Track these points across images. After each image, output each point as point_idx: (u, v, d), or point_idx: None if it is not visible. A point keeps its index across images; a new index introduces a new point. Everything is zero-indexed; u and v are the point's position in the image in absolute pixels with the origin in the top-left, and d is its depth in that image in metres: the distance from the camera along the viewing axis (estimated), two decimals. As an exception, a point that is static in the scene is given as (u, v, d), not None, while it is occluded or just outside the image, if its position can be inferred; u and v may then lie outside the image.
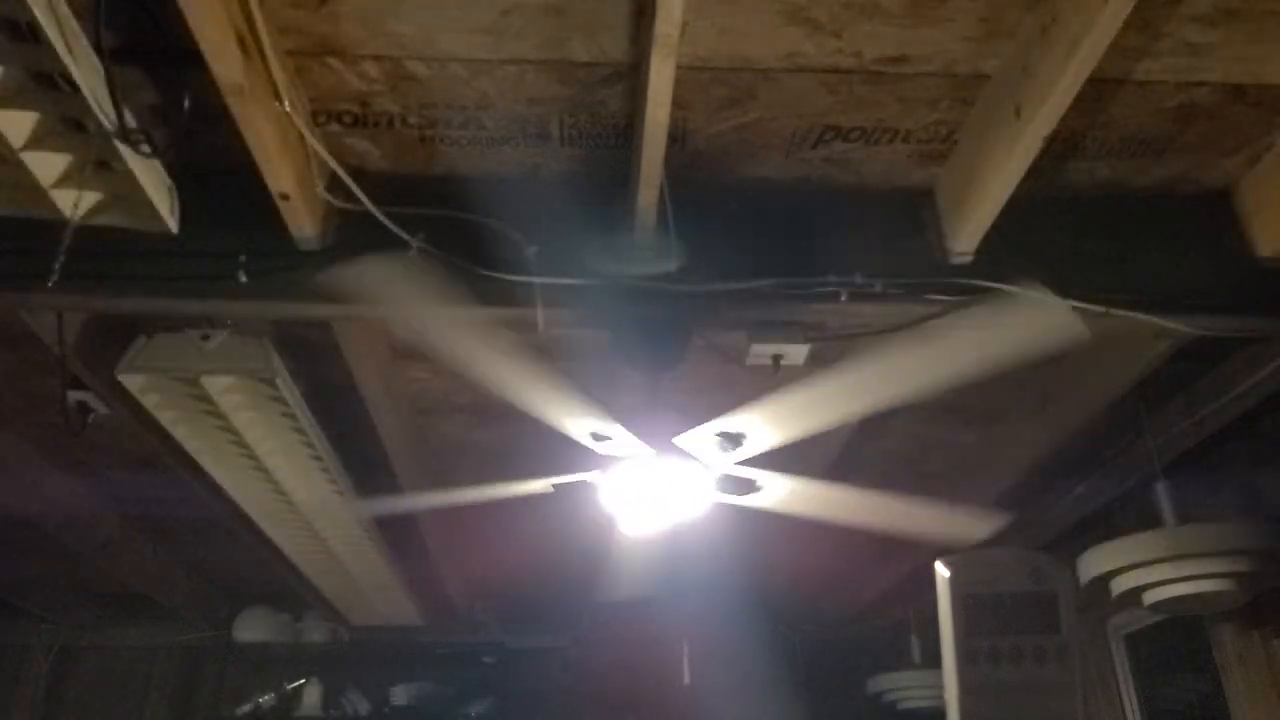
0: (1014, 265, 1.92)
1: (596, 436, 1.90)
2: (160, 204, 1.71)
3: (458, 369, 1.74)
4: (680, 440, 1.91)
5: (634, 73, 1.66)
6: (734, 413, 1.80)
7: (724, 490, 2.08)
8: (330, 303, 1.92)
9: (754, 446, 1.91)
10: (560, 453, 2.03)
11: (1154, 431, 2.68)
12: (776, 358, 2.09)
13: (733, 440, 1.88)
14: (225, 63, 1.41)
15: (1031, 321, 1.62)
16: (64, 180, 1.62)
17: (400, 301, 1.57)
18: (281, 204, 1.73)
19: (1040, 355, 1.60)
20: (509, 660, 5.17)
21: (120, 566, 4.02)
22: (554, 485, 2.02)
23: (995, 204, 1.79)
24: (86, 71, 1.40)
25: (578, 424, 1.85)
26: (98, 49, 1.40)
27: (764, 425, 1.83)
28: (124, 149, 1.54)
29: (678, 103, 1.61)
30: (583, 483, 2.07)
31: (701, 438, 1.89)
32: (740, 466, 2.00)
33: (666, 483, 2.04)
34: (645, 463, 2.00)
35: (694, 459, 1.98)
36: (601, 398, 1.76)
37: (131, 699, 5.03)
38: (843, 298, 1.88)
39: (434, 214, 1.84)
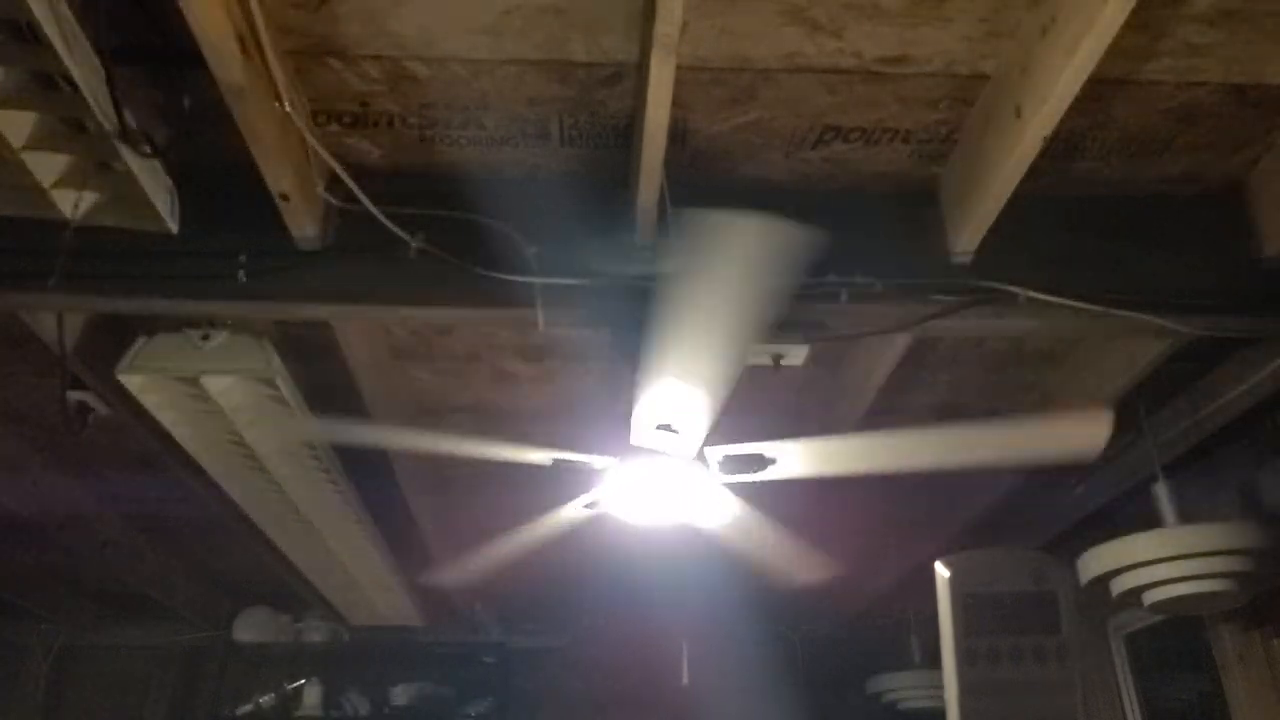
0: (1014, 265, 1.93)
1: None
2: (160, 204, 1.71)
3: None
4: (682, 443, 1.91)
5: (634, 73, 1.66)
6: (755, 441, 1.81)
7: (730, 471, 2.04)
8: (330, 302, 1.93)
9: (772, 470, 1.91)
10: (562, 452, 2.03)
11: (1154, 431, 2.68)
12: (777, 357, 2.09)
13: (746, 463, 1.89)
14: (225, 63, 1.41)
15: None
16: (64, 180, 1.62)
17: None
18: (281, 204, 1.73)
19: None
20: (509, 660, 5.17)
21: (120, 566, 4.02)
22: (555, 460, 2.01)
23: (995, 204, 1.79)
24: (86, 72, 1.40)
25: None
26: (98, 49, 1.40)
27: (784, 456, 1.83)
28: (124, 149, 1.54)
29: (678, 103, 1.61)
30: (584, 469, 2.06)
31: (710, 450, 1.89)
32: (741, 446, 1.97)
33: (668, 480, 2.04)
34: (645, 462, 2.00)
35: (695, 459, 1.98)
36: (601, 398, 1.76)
37: (131, 699, 5.02)
38: (843, 297, 1.88)
39: (434, 214, 1.84)
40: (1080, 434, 1.89)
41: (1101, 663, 3.52)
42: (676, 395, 1.70)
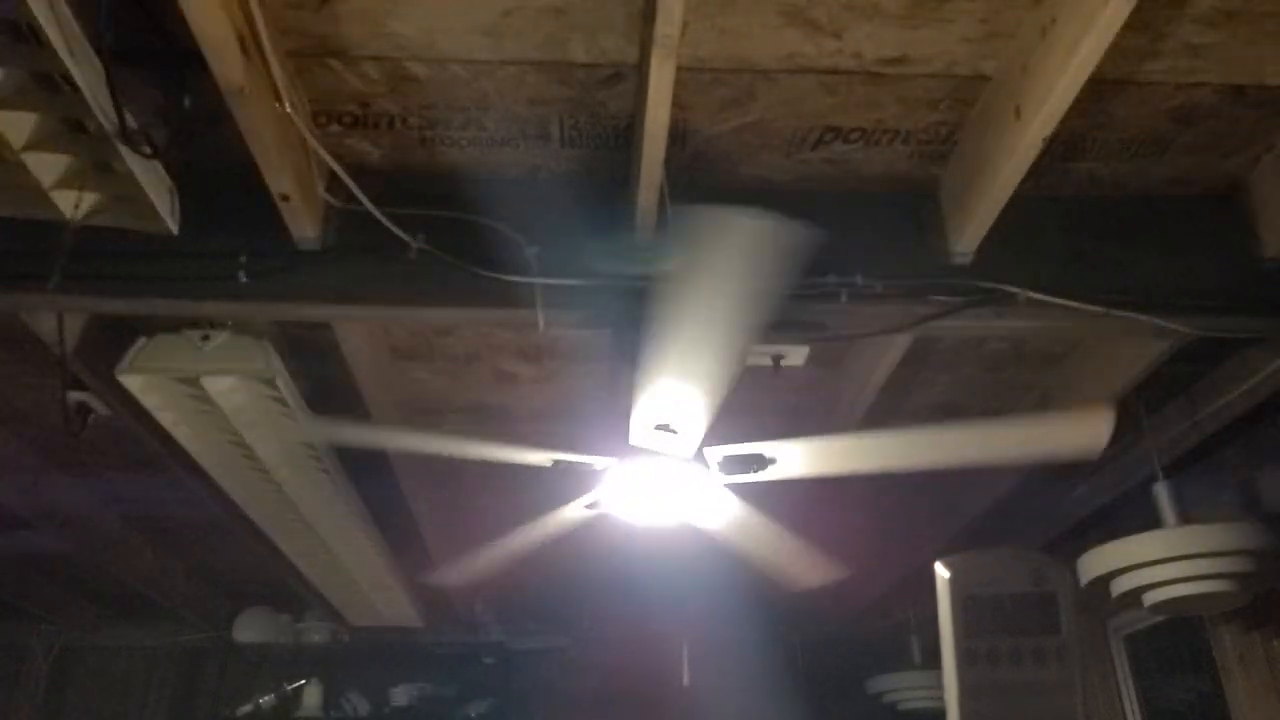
0: (1014, 265, 1.93)
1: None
2: (160, 205, 1.71)
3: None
4: (680, 443, 1.91)
5: (634, 73, 1.66)
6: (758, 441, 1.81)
7: (730, 471, 2.03)
8: (330, 303, 1.93)
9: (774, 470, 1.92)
10: (562, 453, 2.03)
11: (1154, 431, 2.68)
12: (777, 358, 2.09)
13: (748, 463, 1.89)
14: (226, 64, 1.41)
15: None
16: (64, 181, 1.62)
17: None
18: (282, 205, 1.74)
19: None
20: (509, 660, 5.17)
21: (120, 566, 4.02)
22: (555, 461, 2.01)
23: (995, 204, 1.79)
24: (87, 72, 1.40)
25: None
26: (98, 50, 1.40)
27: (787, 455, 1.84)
28: (124, 150, 1.54)
29: (678, 103, 1.61)
30: (584, 469, 2.06)
31: (710, 450, 1.90)
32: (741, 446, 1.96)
33: (668, 480, 2.04)
34: (645, 462, 2.00)
35: (694, 459, 1.98)
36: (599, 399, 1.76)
37: (131, 699, 5.03)
38: (843, 298, 1.88)
39: (434, 215, 1.84)
40: (1082, 432, 1.88)
41: (1101, 663, 3.52)
42: (675, 395, 1.70)
